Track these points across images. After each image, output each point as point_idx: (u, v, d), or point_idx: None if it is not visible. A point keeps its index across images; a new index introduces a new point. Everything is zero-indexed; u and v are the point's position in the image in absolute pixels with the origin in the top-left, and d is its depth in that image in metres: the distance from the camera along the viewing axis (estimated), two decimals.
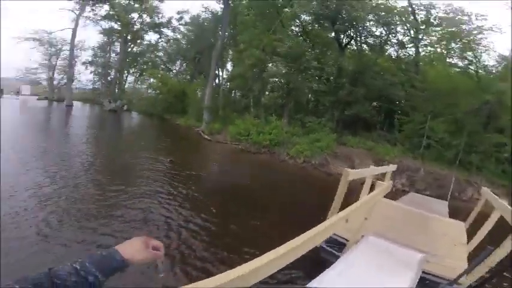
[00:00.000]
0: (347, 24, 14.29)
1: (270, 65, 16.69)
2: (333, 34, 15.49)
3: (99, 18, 28.87)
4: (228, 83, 22.26)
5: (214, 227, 4.57)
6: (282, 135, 12.87)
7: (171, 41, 31.96)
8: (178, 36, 31.28)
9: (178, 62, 31.42)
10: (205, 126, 16.77)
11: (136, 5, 29.01)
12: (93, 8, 28.16)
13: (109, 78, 31.26)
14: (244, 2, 18.86)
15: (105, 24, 29.66)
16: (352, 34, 15.35)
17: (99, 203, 4.84)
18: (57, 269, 0.58)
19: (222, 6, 20.05)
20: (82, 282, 0.57)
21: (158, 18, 30.67)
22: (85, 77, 32.36)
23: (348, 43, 15.88)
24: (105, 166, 7.83)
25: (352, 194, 3.57)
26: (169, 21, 30.91)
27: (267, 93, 18.84)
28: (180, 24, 30.82)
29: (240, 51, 16.06)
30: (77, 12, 26.81)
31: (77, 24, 27.06)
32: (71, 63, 28.28)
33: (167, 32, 31.75)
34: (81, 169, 6.91)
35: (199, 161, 10.51)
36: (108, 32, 30.04)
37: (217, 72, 21.34)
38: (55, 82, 32.00)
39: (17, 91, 30.84)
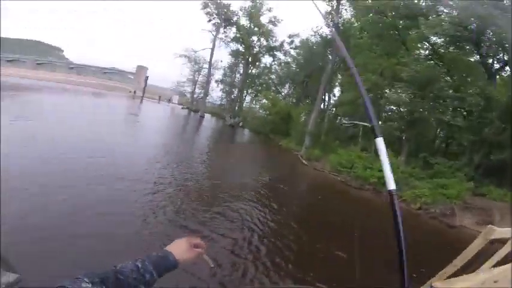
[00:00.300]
0: (496, 46, 11.22)
1: (387, 91, 15.15)
2: (477, 57, 12.47)
3: (229, 40, 34.72)
4: (334, 109, 21.72)
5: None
6: (397, 174, 11.20)
7: (283, 64, 34.44)
8: (289, 60, 33.35)
9: (287, 85, 33.38)
10: (304, 151, 16.87)
11: (256, 29, 33.13)
12: (225, 30, 34.27)
13: (232, 96, 36.82)
14: (356, 24, 18.19)
15: (233, 46, 35.31)
16: (504, 58, 11.87)
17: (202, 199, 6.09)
18: (122, 265, 0.63)
19: (333, 29, 20.06)
20: (140, 279, 0.62)
21: (273, 42, 33.76)
22: (216, 93, 39.29)
23: (500, 68, 12.36)
24: (214, 170, 9.48)
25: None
26: (281, 44, 33.52)
27: (380, 122, 17.13)
28: (290, 48, 32.93)
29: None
30: (214, 34, 32.97)
31: (214, 45, 33.10)
32: (208, 80, 34.93)
33: (280, 55, 34.48)
34: (198, 171, 8.70)
35: (293, 184, 10.64)
36: (235, 54, 35.54)
37: (324, 97, 21.28)
38: (195, 95, 40.55)
39: (169, 99, 41.63)
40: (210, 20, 32.69)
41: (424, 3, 12.69)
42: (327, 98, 22.99)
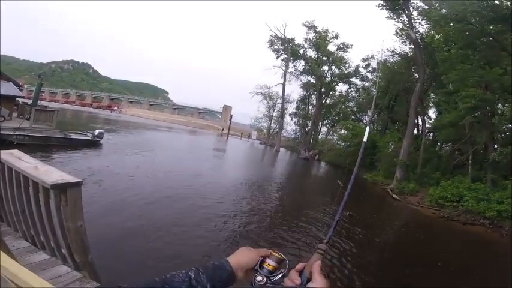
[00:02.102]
0: None
1: (499, 106, 12.81)
2: None
3: (299, 73, 36.39)
4: (432, 134, 19.19)
5: None
6: None
7: (361, 90, 33.35)
8: (367, 84, 32.20)
9: (369, 112, 31.81)
10: (395, 185, 15.30)
11: (324, 58, 33.85)
12: (294, 64, 36.26)
13: (306, 129, 37.34)
14: (437, 37, 16.59)
15: (304, 78, 36.73)
16: None
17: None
18: (174, 274, 0.59)
19: (411, 47, 18.73)
20: None
21: (345, 68, 33.69)
22: (290, 127, 40.89)
23: None
24: (286, 203, 9.58)
25: None
26: (356, 70, 33.19)
27: (496, 146, 14.12)
28: (367, 72, 32.23)
29: (450, 92, 13.76)
30: (283, 69, 35.04)
31: (284, 80, 34.96)
32: (282, 114, 36.65)
33: (356, 81, 34.04)
34: (271, 199, 9.06)
35: (381, 221, 9.71)
36: (306, 86, 36.70)
37: (416, 120, 19.30)
38: (271, 130, 42.97)
39: (249, 135, 45.32)
40: (278, 57, 35.62)
41: (509, 2, 10.78)
42: (420, 122, 20.68)
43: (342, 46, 33.05)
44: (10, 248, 2.23)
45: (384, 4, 17.48)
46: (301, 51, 34.82)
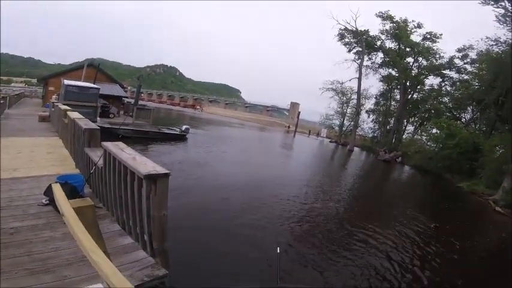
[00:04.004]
0: None
1: None
2: None
3: (377, 66, 33.49)
4: None
5: None
6: None
7: (458, 83, 28.69)
8: (466, 77, 27.61)
9: (469, 109, 26.99)
10: (501, 196, 12.91)
11: (408, 49, 30.10)
12: (370, 56, 33.43)
13: (388, 127, 34.11)
14: None
15: (384, 72, 33.56)
16: None
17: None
18: None
19: None
20: None
21: (436, 60, 29.47)
22: (367, 125, 38.13)
23: None
24: (357, 211, 9.14)
25: None
26: (450, 61, 29.03)
27: None
28: (465, 64, 27.97)
29: None
30: (358, 62, 32.80)
31: (360, 74, 32.70)
32: (357, 110, 34.38)
33: (451, 74, 29.76)
34: (336, 206, 8.89)
35: (477, 237, 8.47)
36: (386, 79, 33.43)
37: None
38: (344, 128, 40.69)
39: (318, 133, 44.31)
40: (350, 50, 33.64)
41: None
42: None
43: (428, 36, 29.70)
44: (105, 230, 2.67)
45: None
46: (378, 43, 32.40)
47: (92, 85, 12.87)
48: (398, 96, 33.39)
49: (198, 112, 60.32)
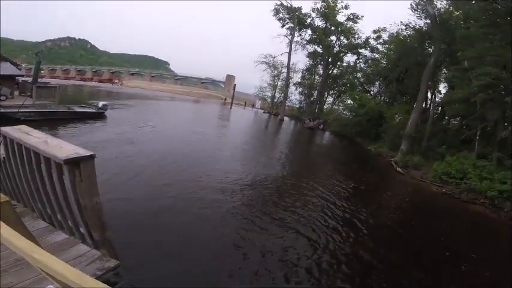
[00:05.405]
0: None
1: None
2: None
3: (305, 43, 35.34)
4: (440, 108, 19.18)
5: None
6: None
7: (370, 61, 32.65)
8: (377, 56, 31.49)
9: (377, 83, 31.31)
10: (400, 157, 15.66)
11: (333, 28, 32.76)
12: (300, 33, 35.09)
13: (312, 98, 36.98)
14: (456, 13, 16.77)
15: (310, 48, 35.71)
16: None
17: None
18: None
19: (427, 21, 18.69)
20: None
21: (355, 39, 32.70)
22: (295, 96, 40.44)
23: None
24: (287, 173, 9.99)
25: None
26: (366, 41, 32.31)
27: (505, 124, 14.17)
28: (378, 44, 31.51)
29: (465, 70, 13.61)
30: (289, 38, 34.03)
31: (290, 49, 34.11)
32: (287, 83, 36.17)
33: (365, 52, 33.21)
34: (275, 171, 9.56)
35: (384, 194, 10.16)
36: (312, 55, 35.82)
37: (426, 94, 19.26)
38: (275, 99, 42.63)
39: (253, 104, 45.05)
40: (283, 25, 34.32)
41: None
42: (429, 96, 20.56)
43: (351, 17, 31.91)
44: (30, 229, 2.21)
45: None
46: (309, 20, 33.61)
47: None
48: (321, 71, 36.11)
49: (118, 87, 52.54)
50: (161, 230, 4.62)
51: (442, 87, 21.67)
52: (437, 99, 20.43)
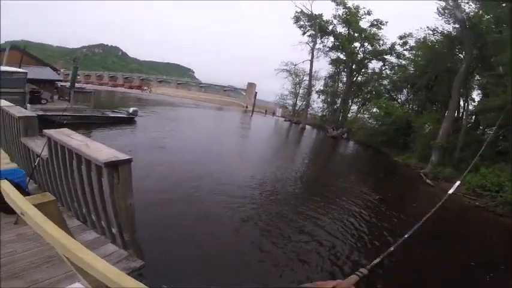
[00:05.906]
0: None
1: None
2: None
3: (327, 50, 35.05)
4: (474, 117, 18.06)
5: None
6: None
7: (396, 68, 31.63)
8: (404, 63, 30.44)
9: (404, 91, 30.16)
10: (430, 169, 14.93)
11: (356, 34, 32.15)
12: (322, 40, 34.84)
13: (335, 106, 36.35)
14: (487, 17, 15.66)
15: (333, 55, 35.33)
16: None
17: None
18: None
19: (456, 26, 17.82)
20: None
21: (379, 45, 31.83)
22: (317, 104, 40.00)
23: None
24: (308, 182, 10.08)
25: None
26: (392, 47, 31.40)
27: None
28: (404, 50, 30.45)
29: (499, 76, 12.83)
30: (311, 45, 34.03)
31: (312, 56, 34.25)
32: (309, 91, 36.08)
33: (391, 58, 32.25)
34: (289, 178, 9.68)
35: (412, 207, 9.74)
36: (335, 62, 35.32)
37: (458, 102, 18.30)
38: (296, 107, 42.44)
39: (273, 112, 45.31)
40: (304, 33, 34.41)
41: None
42: (462, 104, 19.46)
43: (375, 23, 31.34)
44: None
45: None
46: (330, 27, 33.48)
47: (16, 69, 11.52)
48: (345, 79, 35.51)
49: (147, 93, 55.43)
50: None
51: (476, 95, 20.37)
52: (470, 108, 19.23)
